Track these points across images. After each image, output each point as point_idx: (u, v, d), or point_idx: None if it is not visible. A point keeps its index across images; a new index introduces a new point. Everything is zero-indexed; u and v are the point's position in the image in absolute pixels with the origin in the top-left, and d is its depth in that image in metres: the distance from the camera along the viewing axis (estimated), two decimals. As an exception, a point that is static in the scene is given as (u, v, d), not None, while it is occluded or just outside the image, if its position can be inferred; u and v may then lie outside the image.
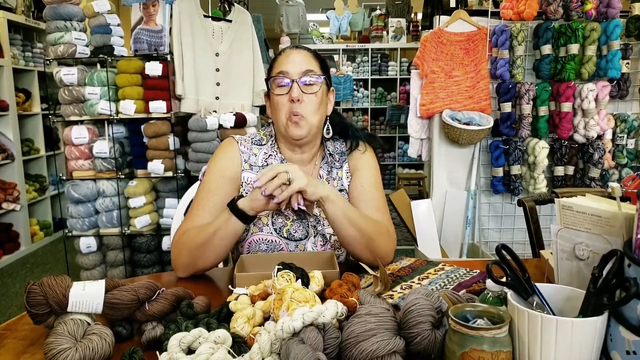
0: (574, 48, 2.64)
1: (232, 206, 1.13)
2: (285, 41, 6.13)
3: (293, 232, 1.26)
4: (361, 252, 1.18)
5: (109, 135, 2.80)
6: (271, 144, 1.32)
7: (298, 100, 1.20)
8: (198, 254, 1.15)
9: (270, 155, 1.30)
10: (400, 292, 1.02)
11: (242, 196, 1.16)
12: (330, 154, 1.34)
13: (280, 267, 0.93)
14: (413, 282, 1.09)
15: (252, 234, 1.26)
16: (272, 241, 1.26)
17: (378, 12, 6.90)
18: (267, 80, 1.28)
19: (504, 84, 2.77)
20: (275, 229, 1.26)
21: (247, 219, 1.14)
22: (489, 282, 0.76)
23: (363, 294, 0.86)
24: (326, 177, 1.33)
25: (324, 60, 1.31)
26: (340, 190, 1.31)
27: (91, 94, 2.73)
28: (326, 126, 1.32)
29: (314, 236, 1.27)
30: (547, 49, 2.71)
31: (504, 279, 0.74)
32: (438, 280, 1.09)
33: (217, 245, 1.14)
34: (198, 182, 1.44)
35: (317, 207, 1.19)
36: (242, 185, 1.27)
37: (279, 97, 1.23)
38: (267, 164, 1.28)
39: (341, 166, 1.34)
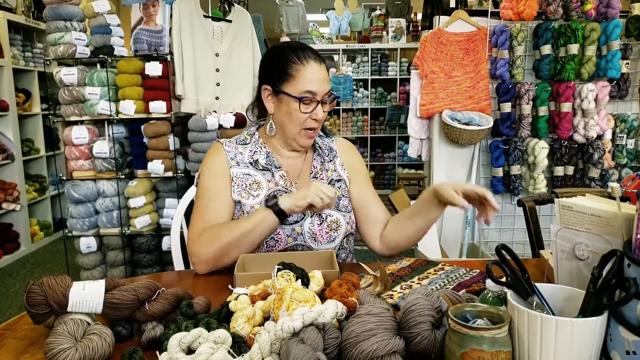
0: (574, 48, 2.64)
1: (274, 206, 1.19)
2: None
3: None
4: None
5: (109, 135, 2.80)
6: (254, 142, 1.38)
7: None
8: (229, 249, 1.19)
9: (255, 151, 1.37)
10: (400, 292, 1.02)
11: (275, 196, 1.23)
12: (320, 147, 1.42)
13: (280, 267, 0.93)
14: (413, 282, 1.09)
15: None
16: None
17: (378, 12, 6.89)
18: (285, 92, 1.27)
19: (504, 84, 2.77)
20: None
21: (284, 217, 1.22)
22: (489, 282, 0.76)
23: (363, 294, 0.86)
24: (320, 167, 1.40)
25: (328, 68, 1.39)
26: (339, 180, 1.39)
27: (91, 94, 2.72)
28: None
29: (311, 216, 1.30)
30: (546, 49, 2.71)
31: (503, 279, 0.74)
32: (438, 280, 1.09)
33: (251, 240, 1.21)
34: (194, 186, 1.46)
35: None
36: (232, 179, 1.32)
37: (302, 114, 1.28)
38: (254, 160, 1.35)
39: (331, 160, 1.42)
